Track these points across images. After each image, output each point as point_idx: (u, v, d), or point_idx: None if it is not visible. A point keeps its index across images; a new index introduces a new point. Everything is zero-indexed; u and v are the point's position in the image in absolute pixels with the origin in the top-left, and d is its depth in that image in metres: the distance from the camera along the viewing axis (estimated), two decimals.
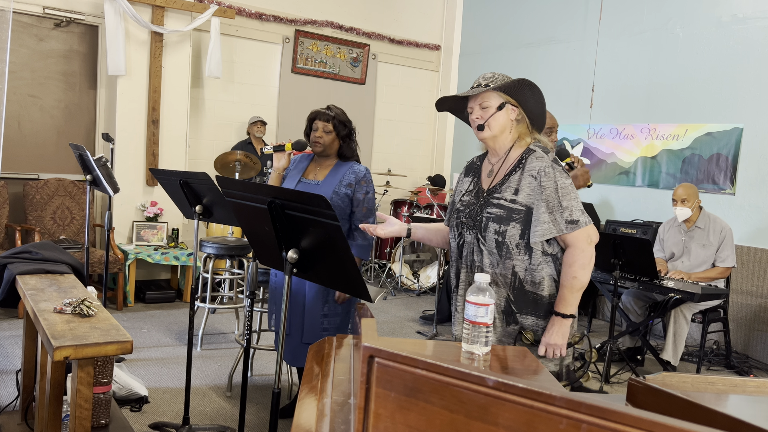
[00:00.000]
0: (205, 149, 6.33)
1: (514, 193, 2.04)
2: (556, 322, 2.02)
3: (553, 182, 2.00)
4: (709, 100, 5.38)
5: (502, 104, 2.06)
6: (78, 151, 3.65)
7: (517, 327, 2.07)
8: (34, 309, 2.27)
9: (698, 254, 4.44)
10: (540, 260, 2.04)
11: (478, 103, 2.09)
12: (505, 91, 2.05)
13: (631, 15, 5.99)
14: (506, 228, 2.03)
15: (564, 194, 2.00)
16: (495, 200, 2.06)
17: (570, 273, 2.01)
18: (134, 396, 3.36)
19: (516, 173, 2.06)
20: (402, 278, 6.55)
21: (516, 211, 2.03)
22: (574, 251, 2.01)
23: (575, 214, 2.00)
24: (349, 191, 2.90)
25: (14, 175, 5.36)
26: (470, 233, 2.11)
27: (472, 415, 0.74)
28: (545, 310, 2.06)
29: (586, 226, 2.01)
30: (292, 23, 6.71)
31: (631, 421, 0.62)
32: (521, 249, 2.03)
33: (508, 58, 7.20)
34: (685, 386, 1.19)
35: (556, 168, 2.03)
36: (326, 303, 2.89)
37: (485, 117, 2.07)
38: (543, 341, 2.03)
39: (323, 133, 2.93)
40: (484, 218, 2.07)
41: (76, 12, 5.46)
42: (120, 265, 5.13)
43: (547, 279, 2.05)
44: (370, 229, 2.21)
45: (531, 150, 2.08)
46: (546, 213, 1.99)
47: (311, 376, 1.51)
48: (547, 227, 2.00)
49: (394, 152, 7.71)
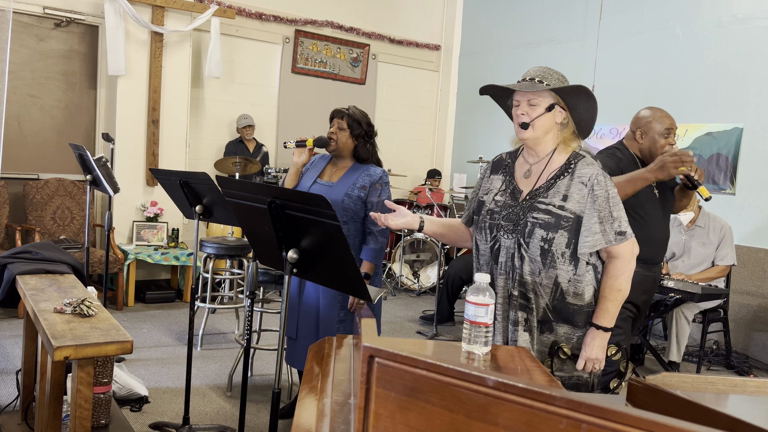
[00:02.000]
0: (205, 149, 6.33)
1: (562, 200, 1.94)
2: (597, 335, 1.94)
3: (604, 191, 1.93)
4: (709, 100, 5.38)
5: (551, 105, 1.96)
6: (78, 151, 3.65)
7: (552, 335, 1.99)
8: (34, 309, 2.27)
9: (698, 253, 4.44)
10: (584, 270, 1.97)
11: (527, 98, 1.97)
12: (560, 94, 1.96)
13: (631, 15, 5.99)
14: (554, 235, 1.93)
15: (614, 204, 1.94)
16: (541, 205, 1.96)
17: (615, 285, 1.93)
18: (134, 396, 3.36)
19: (564, 178, 1.96)
20: (402, 278, 6.55)
21: (565, 219, 1.93)
22: (620, 263, 1.94)
23: (623, 225, 1.94)
24: (363, 194, 2.83)
25: (14, 175, 5.36)
26: (509, 237, 1.99)
27: (472, 415, 0.74)
28: (582, 320, 1.98)
29: (632, 237, 1.95)
30: (292, 23, 6.71)
31: (631, 421, 0.62)
32: (566, 258, 1.95)
33: (508, 58, 7.20)
34: (685, 386, 1.19)
35: (607, 176, 1.96)
36: (342, 309, 2.85)
37: (532, 116, 1.96)
38: (583, 355, 1.95)
39: (337, 130, 2.90)
40: (529, 223, 1.95)
41: (76, 12, 5.46)
42: (120, 265, 5.13)
43: (588, 289, 1.98)
44: (381, 219, 2.10)
45: (580, 155, 1.99)
46: (597, 223, 1.92)
47: (311, 376, 1.52)
48: (598, 238, 1.92)
49: (394, 152, 7.71)
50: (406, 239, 6.48)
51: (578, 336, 2.00)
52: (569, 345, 1.99)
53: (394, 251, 6.61)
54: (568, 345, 1.99)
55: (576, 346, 2.00)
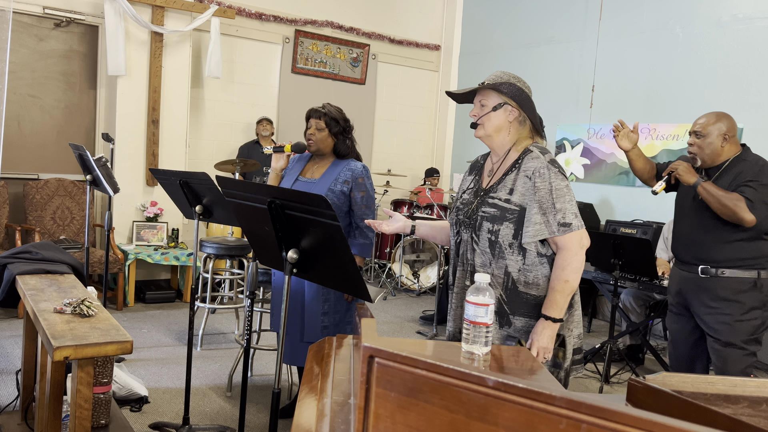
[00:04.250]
0: (205, 149, 6.34)
1: (508, 193, 2.04)
2: (547, 325, 1.99)
3: (547, 183, 1.99)
4: (709, 100, 5.38)
5: (499, 104, 2.05)
6: (78, 151, 3.64)
7: (510, 329, 2.05)
8: (34, 309, 2.27)
9: None
10: (535, 261, 2.02)
11: (478, 100, 2.09)
12: (501, 90, 2.03)
13: (631, 15, 5.99)
14: (499, 227, 2.02)
15: (558, 196, 1.98)
16: (490, 199, 2.07)
17: (562, 276, 1.98)
18: (134, 396, 3.36)
19: (512, 173, 2.06)
20: (402, 278, 6.54)
21: (510, 211, 2.02)
22: (566, 254, 1.99)
23: (568, 217, 1.98)
24: (346, 188, 2.90)
25: (14, 175, 5.36)
26: (466, 231, 2.12)
27: (472, 415, 0.74)
28: (537, 311, 2.03)
29: (578, 230, 1.99)
30: (292, 23, 6.71)
31: (631, 421, 0.62)
32: (514, 249, 2.02)
33: (508, 58, 7.20)
34: (685, 386, 1.19)
35: (552, 169, 2.00)
36: (326, 301, 2.89)
37: (480, 115, 2.07)
38: (534, 344, 1.99)
39: (315, 131, 2.95)
40: (479, 217, 2.07)
41: (76, 12, 5.46)
42: (120, 265, 5.13)
43: (542, 280, 2.03)
44: (375, 225, 2.21)
45: (528, 150, 2.06)
46: (538, 214, 1.98)
47: (311, 376, 1.51)
48: (539, 228, 1.98)
49: (394, 152, 7.71)
50: (406, 239, 6.48)
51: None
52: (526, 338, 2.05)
53: (394, 251, 6.61)
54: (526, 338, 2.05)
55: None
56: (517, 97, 2.05)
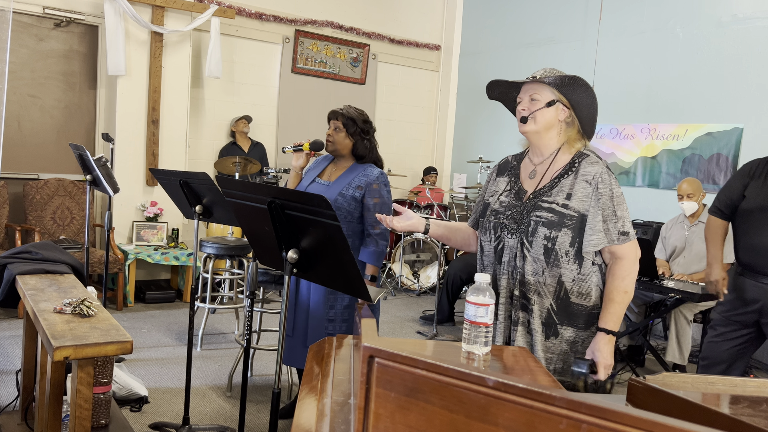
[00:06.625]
0: (205, 149, 6.33)
1: (566, 198, 1.93)
2: (608, 340, 1.90)
3: (609, 190, 1.91)
4: (709, 100, 5.38)
5: (552, 101, 1.96)
6: (78, 151, 3.64)
7: (557, 340, 1.96)
8: (34, 309, 2.27)
9: (700, 248, 4.45)
10: (589, 270, 1.94)
11: (528, 94, 1.98)
12: (559, 89, 1.95)
13: (631, 15, 5.99)
14: (557, 234, 1.91)
15: (618, 203, 1.92)
16: (545, 204, 1.95)
17: (621, 287, 1.90)
18: (134, 396, 3.36)
19: (568, 177, 1.95)
20: (402, 278, 6.54)
21: (568, 217, 1.91)
22: (625, 264, 1.91)
23: (627, 226, 1.92)
24: (358, 194, 2.84)
25: (14, 175, 5.36)
26: (513, 237, 1.98)
27: (472, 415, 0.74)
28: (585, 321, 1.96)
29: (635, 239, 1.93)
30: (292, 23, 6.71)
31: (631, 421, 0.62)
32: (570, 257, 1.93)
33: (508, 58, 7.20)
34: (685, 386, 1.19)
35: (612, 175, 1.94)
36: (332, 308, 2.86)
37: (532, 109, 1.97)
38: (601, 363, 1.90)
39: (333, 131, 2.94)
40: (532, 222, 1.94)
41: (76, 12, 5.46)
42: (120, 265, 5.13)
43: (594, 290, 1.95)
44: (386, 221, 2.10)
45: (584, 154, 1.98)
46: (601, 221, 1.90)
47: (311, 376, 1.51)
48: (601, 237, 1.90)
49: (394, 152, 7.71)
50: (406, 239, 6.48)
51: (582, 339, 1.98)
52: (574, 349, 1.97)
53: (394, 251, 6.61)
54: (573, 349, 1.97)
55: (581, 350, 1.98)
56: (570, 95, 1.96)
